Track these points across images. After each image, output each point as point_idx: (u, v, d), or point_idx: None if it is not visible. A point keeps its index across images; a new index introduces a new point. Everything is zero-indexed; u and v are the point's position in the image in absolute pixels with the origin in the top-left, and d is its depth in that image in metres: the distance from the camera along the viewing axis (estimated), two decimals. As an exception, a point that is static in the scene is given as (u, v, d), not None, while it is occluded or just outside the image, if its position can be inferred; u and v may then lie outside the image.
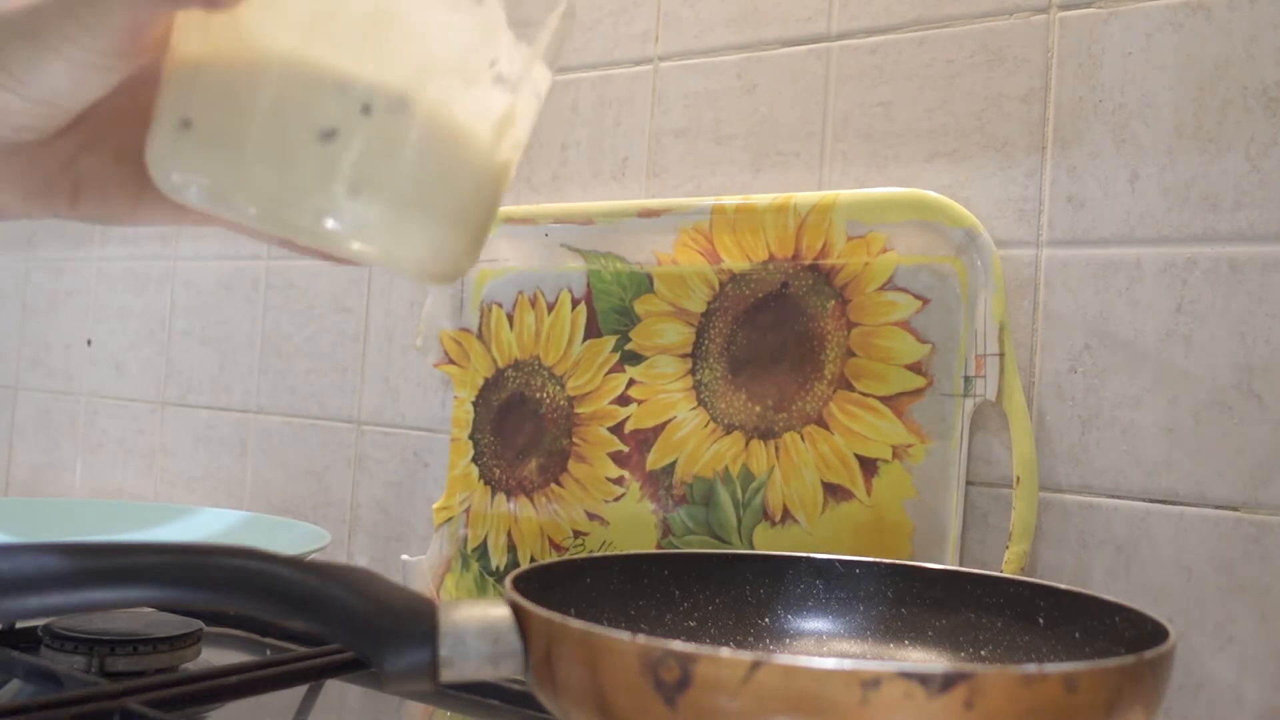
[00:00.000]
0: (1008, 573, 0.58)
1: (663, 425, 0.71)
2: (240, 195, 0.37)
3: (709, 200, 0.70)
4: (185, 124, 0.37)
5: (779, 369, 0.67)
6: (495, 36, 0.39)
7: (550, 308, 0.76)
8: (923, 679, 0.33)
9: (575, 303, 0.75)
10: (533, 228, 0.76)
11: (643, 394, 0.72)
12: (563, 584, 0.49)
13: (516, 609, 0.40)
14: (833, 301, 0.66)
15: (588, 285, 0.75)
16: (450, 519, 0.79)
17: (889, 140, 0.67)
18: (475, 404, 0.79)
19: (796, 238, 0.67)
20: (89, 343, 1.09)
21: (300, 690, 0.60)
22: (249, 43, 0.36)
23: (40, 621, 0.65)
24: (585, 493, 0.73)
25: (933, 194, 0.64)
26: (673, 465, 0.70)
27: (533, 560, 0.75)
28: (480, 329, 0.79)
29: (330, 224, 0.37)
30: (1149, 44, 0.60)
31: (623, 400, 0.72)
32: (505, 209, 0.78)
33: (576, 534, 0.73)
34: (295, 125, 0.36)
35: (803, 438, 0.66)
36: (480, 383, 0.79)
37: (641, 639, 0.36)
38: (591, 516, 0.73)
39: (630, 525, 0.71)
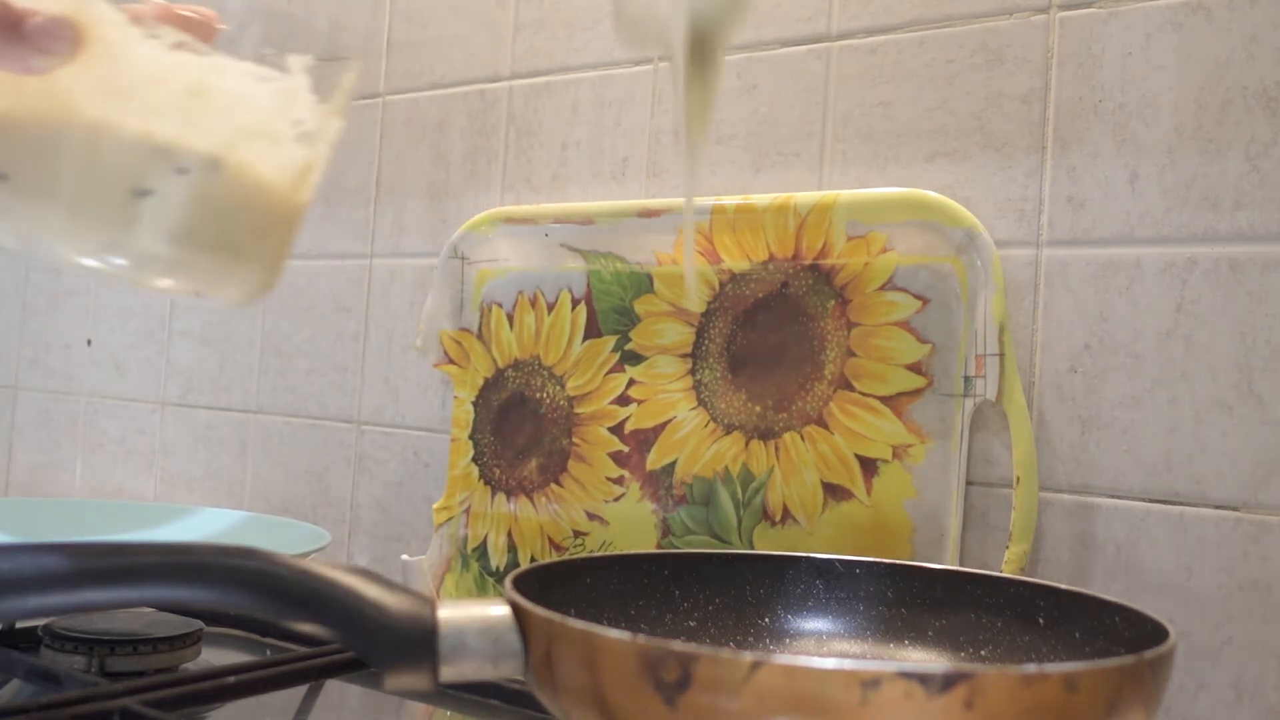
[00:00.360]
0: (1008, 573, 0.58)
1: (663, 425, 0.71)
2: (57, 245, 0.40)
3: (709, 200, 0.70)
4: (1, 176, 0.39)
5: (779, 369, 0.67)
6: (298, 100, 0.43)
7: (550, 308, 0.76)
8: (923, 679, 0.33)
9: (575, 303, 0.75)
10: (533, 228, 0.76)
11: (643, 394, 0.72)
12: (563, 584, 0.49)
13: (516, 609, 0.40)
14: (833, 301, 0.66)
15: (588, 285, 0.75)
16: (450, 519, 0.79)
17: (889, 140, 0.67)
18: (475, 404, 0.79)
19: (796, 238, 0.67)
20: (89, 343, 1.09)
21: (300, 690, 0.60)
22: (66, 104, 0.40)
23: (40, 621, 0.65)
24: (585, 493, 0.73)
25: (933, 194, 0.64)
26: (673, 465, 0.70)
27: (533, 560, 0.75)
28: (480, 329, 0.79)
29: (146, 270, 0.41)
30: (1149, 44, 0.60)
31: (623, 400, 0.72)
32: (505, 209, 0.78)
33: (576, 534, 0.73)
34: (113, 183, 0.40)
35: (803, 438, 0.66)
36: (480, 383, 0.79)
37: (641, 639, 0.36)
38: (591, 516, 0.73)
39: (630, 525, 0.71)
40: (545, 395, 0.76)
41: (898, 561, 0.54)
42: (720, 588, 0.54)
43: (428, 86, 0.87)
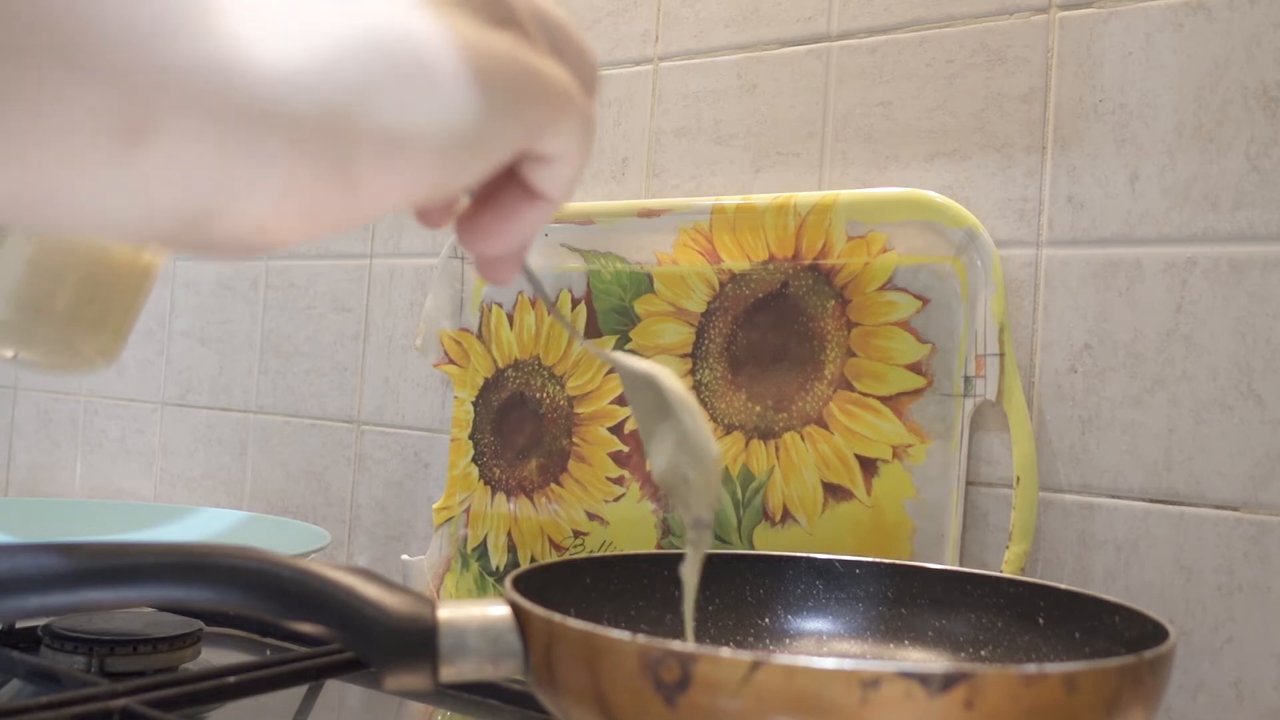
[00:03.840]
0: (1008, 573, 0.58)
1: (663, 425, 0.71)
2: None
3: (709, 200, 0.70)
4: None
5: (779, 369, 0.67)
6: None
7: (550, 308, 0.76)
8: (923, 679, 0.33)
9: (575, 303, 0.75)
10: (533, 228, 0.76)
11: (643, 394, 0.71)
12: (563, 584, 0.49)
13: (516, 609, 0.40)
14: (833, 301, 0.66)
15: (588, 285, 0.74)
16: (450, 519, 0.79)
17: (889, 140, 0.67)
18: (475, 404, 0.79)
19: (796, 238, 0.67)
20: (89, 343, 1.09)
21: (300, 690, 0.60)
22: None
23: (40, 621, 0.65)
24: (585, 493, 0.73)
25: (933, 194, 0.64)
26: (673, 465, 0.70)
27: (533, 560, 0.75)
28: (480, 329, 0.79)
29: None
30: (1149, 44, 0.60)
31: (622, 400, 0.72)
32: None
33: (576, 534, 0.73)
34: None
35: (803, 438, 0.66)
36: (480, 383, 0.79)
37: (641, 639, 0.36)
38: (591, 516, 0.73)
39: (630, 525, 0.71)
40: (545, 395, 0.76)
41: (898, 561, 0.54)
42: (720, 588, 0.54)
43: (428, 86, 0.87)
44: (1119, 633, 0.45)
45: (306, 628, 0.39)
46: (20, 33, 0.20)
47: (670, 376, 0.43)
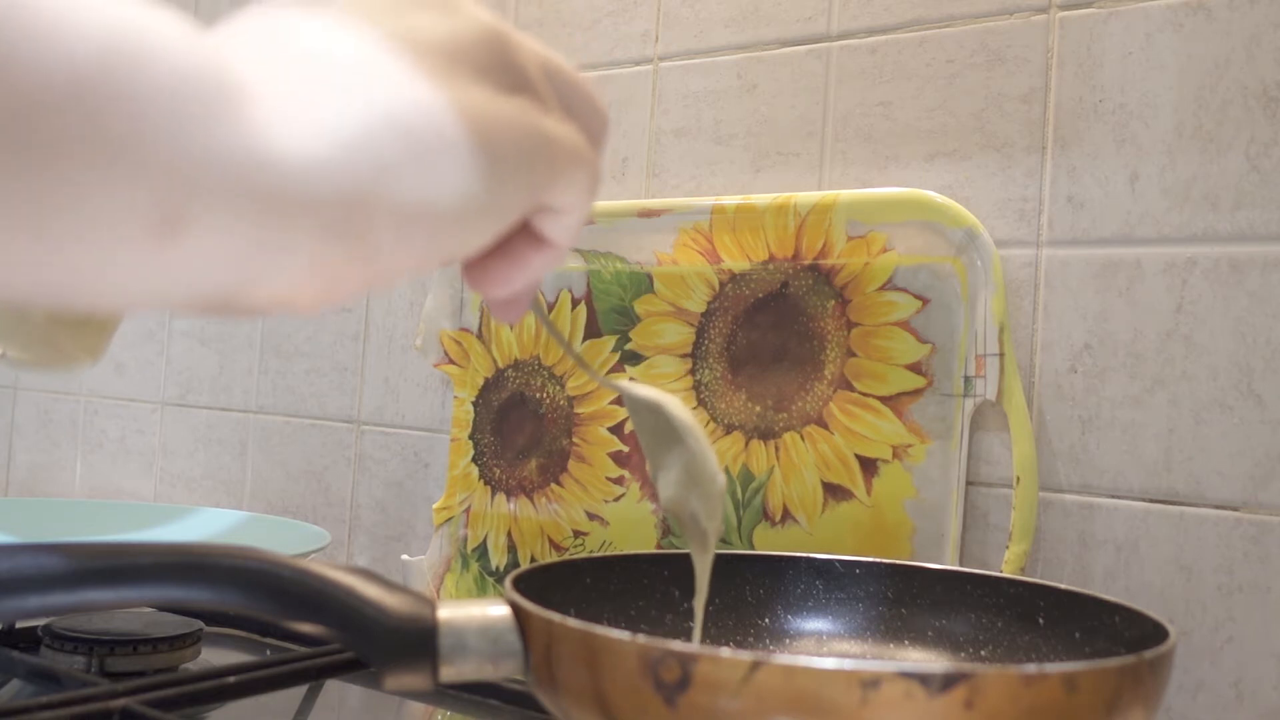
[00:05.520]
0: (1008, 573, 0.58)
1: (663, 425, 0.71)
2: None
3: (709, 200, 0.70)
4: None
5: (779, 369, 0.67)
6: None
7: (550, 307, 0.76)
8: (923, 679, 0.33)
9: (575, 302, 0.75)
10: (533, 228, 0.76)
11: (643, 394, 0.71)
12: (562, 584, 0.49)
13: (516, 609, 0.40)
14: (833, 301, 0.66)
15: (588, 285, 0.74)
16: (450, 519, 0.79)
17: (889, 140, 0.67)
18: (475, 404, 0.79)
19: (796, 238, 0.67)
20: (89, 343, 1.09)
21: (300, 690, 0.60)
22: None
23: (40, 621, 0.65)
24: (585, 493, 0.73)
25: (933, 194, 0.64)
26: (673, 465, 0.70)
27: (533, 560, 0.74)
28: (480, 329, 0.79)
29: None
30: (1149, 44, 0.60)
31: (623, 400, 0.72)
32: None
33: (576, 534, 0.73)
34: None
35: (803, 438, 0.66)
36: (480, 383, 0.79)
37: (641, 639, 0.36)
38: (591, 516, 0.73)
39: (630, 525, 0.71)
40: (545, 395, 0.76)
41: (898, 561, 0.54)
42: (720, 588, 0.54)
43: (428, 86, 0.87)
44: (1119, 633, 0.45)
45: (306, 628, 0.39)
46: (58, 129, 0.20)
47: (677, 404, 0.43)
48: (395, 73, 0.27)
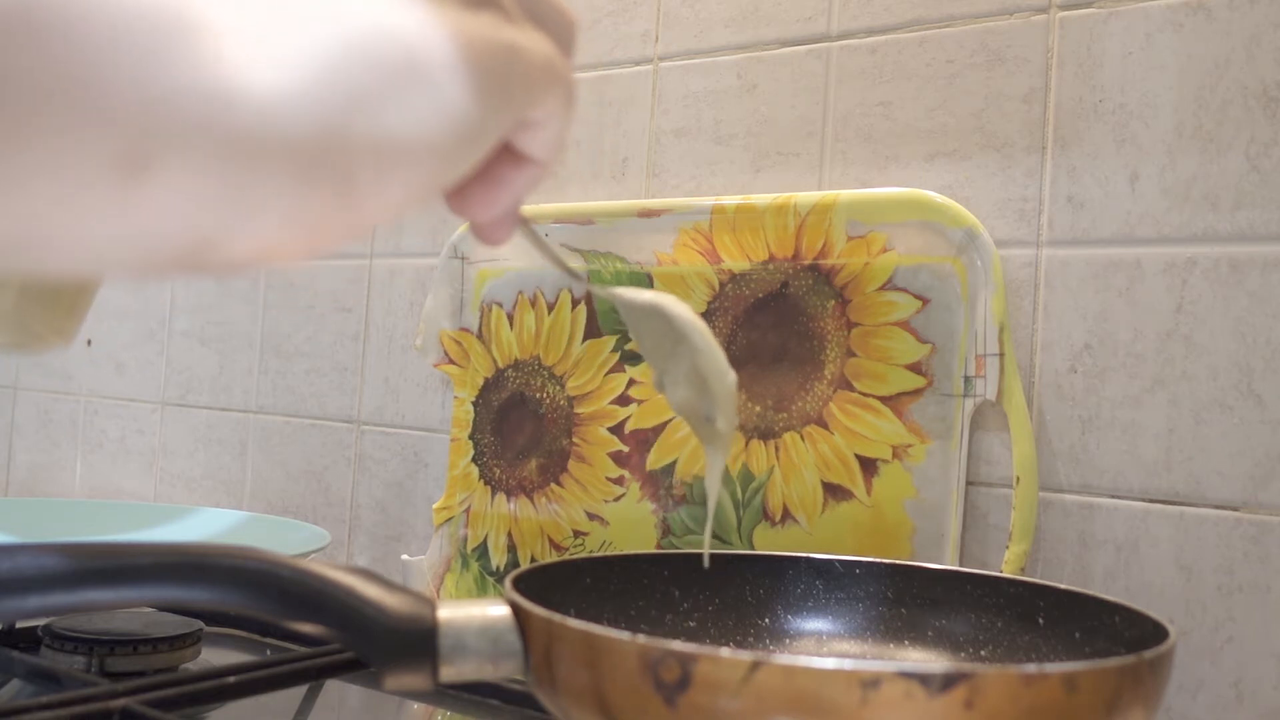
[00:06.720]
0: (1008, 573, 0.58)
1: (663, 425, 0.71)
2: None
3: (709, 200, 0.70)
4: None
5: (779, 369, 0.67)
6: None
7: (550, 308, 0.76)
8: (923, 679, 0.33)
9: (575, 303, 0.75)
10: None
11: (643, 394, 0.72)
12: (562, 584, 0.49)
13: (516, 609, 0.40)
14: (833, 301, 0.66)
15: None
16: (450, 519, 0.79)
17: (889, 140, 0.67)
18: (475, 404, 0.79)
19: (796, 238, 0.67)
20: (89, 342, 1.09)
21: (300, 690, 0.60)
22: None
23: (40, 621, 0.65)
24: (585, 493, 0.73)
25: (933, 194, 0.64)
26: (673, 465, 0.70)
27: (533, 560, 0.74)
28: (480, 329, 0.79)
29: None
30: (1149, 44, 0.60)
31: (623, 400, 0.72)
32: (505, 209, 0.78)
33: (576, 534, 0.73)
34: None
35: (803, 438, 0.66)
36: (480, 383, 0.79)
37: (641, 639, 0.36)
38: (591, 516, 0.73)
39: (630, 525, 0.71)
40: (545, 395, 0.76)
41: (898, 561, 0.54)
42: (720, 588, 0.54)
43: (428, 86, 0.87)
44: (1119, 633, 0.45)
45: (306, 628, 0.39)
46: (15, 72, 0.19)
47: (676, 302, 0.42)
48: None
